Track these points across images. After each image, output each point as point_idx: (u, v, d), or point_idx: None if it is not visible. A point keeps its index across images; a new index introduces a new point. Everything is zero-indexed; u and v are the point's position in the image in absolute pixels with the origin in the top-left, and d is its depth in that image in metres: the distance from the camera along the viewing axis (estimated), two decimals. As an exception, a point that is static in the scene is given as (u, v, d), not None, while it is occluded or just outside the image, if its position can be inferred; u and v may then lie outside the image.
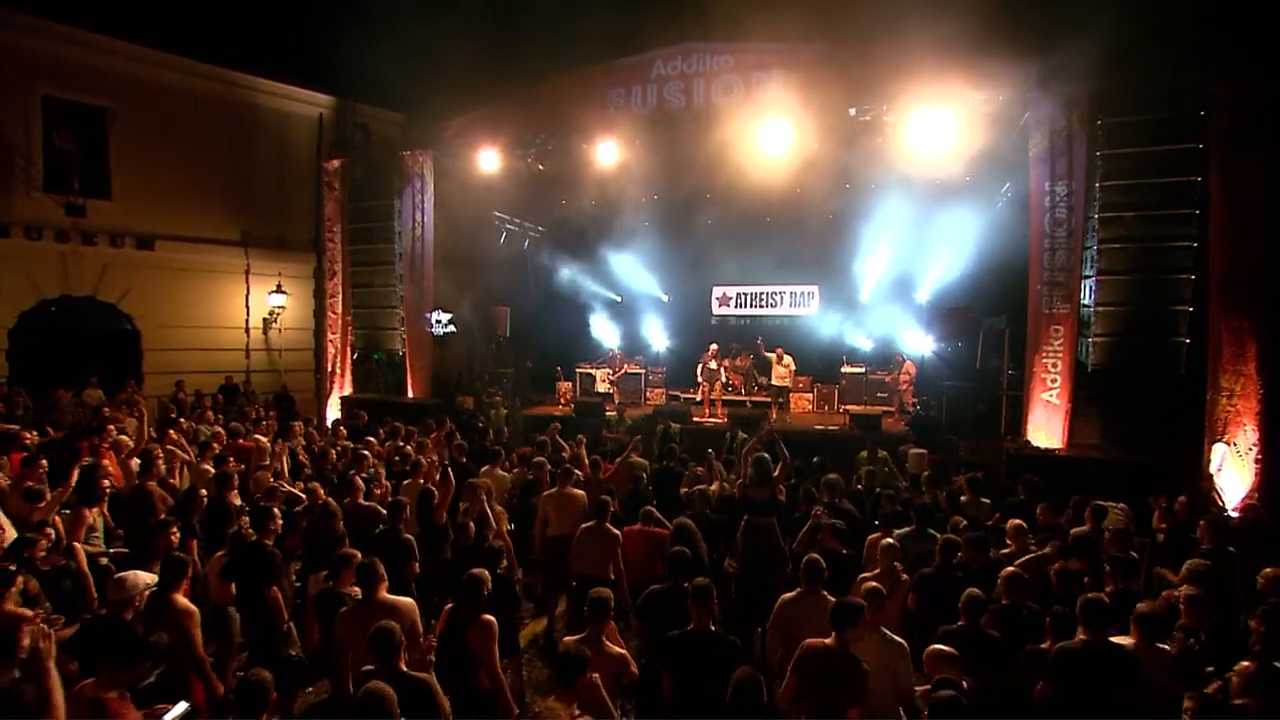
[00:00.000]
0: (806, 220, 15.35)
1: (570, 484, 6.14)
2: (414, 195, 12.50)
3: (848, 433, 10.78)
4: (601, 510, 5.41)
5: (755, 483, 5.23)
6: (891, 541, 4.69)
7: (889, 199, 13.28)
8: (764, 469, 5.26)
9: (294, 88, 14.85)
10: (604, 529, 5.35)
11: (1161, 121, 8.23)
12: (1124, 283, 8.51)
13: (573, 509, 5.96)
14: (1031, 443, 8.79)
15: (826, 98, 9.70)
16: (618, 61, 10.87)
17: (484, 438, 8.47)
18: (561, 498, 6.06)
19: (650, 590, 4.24)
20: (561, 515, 5.94)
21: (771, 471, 5.28)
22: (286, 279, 15.24)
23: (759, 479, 5.22)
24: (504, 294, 15.69)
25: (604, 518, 5.39)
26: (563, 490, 6.09)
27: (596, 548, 5.31)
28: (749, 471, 5.36)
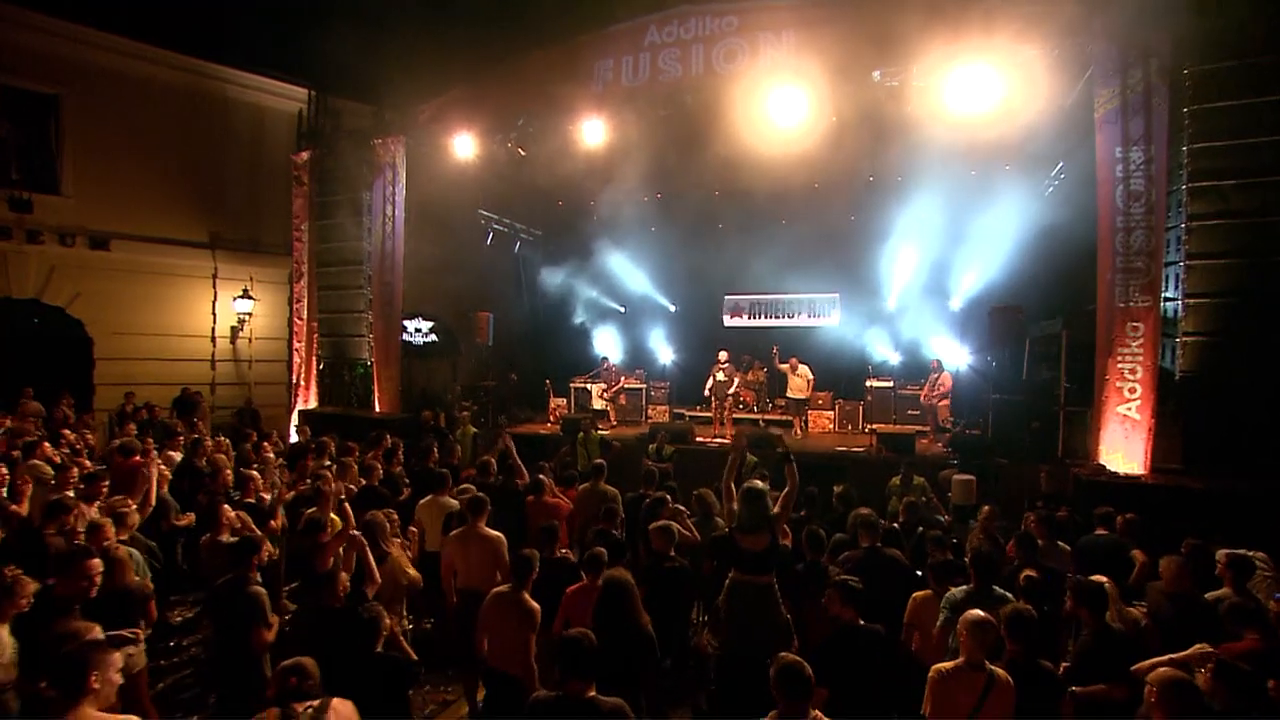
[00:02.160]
0: (826, 221, 13.92)
1: (484, 520, 4.61)
2: (385, 187, 11.27)
3: (875, 455, 9.12)
4: (521, 571, 3.80)
5: (748, 526, 3.68)
6: (981, 618, 3.01)
7: (918, 190, 11.77)
8: (759, 507, 3.70)
9: (270, 80, 13.85)
10: (518, 599, 3.72)
11: (1268, 66, 6.62)
12: (1222, 268, 6.83)
13: (483, 556, 4.44)
14: (1108, 467, 7.06)
15: (845, 60, 8.24)
16: (606, 31, 9.58)
17: (428, 458, 6.99)
18: (470, 539, 4.55)
19: (533, 698, 2.68)
20: (469, 563, 4.42)
21: (769, 510, 3.71)
22: (259, 285, 14.10)
23: (753, 520, 3.67)
24: (492, 300, 14.36)
25: (523, 581, 3.79)
26: (473, 529, 4.57)
27: (506, 628, 3.71)
28: (737, 509, 3.79)
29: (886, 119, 8.88)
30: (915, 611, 3.86)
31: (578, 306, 15.67)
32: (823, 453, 9.44)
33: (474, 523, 4.66)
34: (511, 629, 3.62)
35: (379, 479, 6.34)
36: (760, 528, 3.66)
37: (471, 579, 4.53)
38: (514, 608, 3.66)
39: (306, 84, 12.57)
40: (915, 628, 3.82)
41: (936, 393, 10.48)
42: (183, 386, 12.49)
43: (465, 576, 4.59)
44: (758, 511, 3.69)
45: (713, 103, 8.96)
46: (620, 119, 9.58)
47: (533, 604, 3.70)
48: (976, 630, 2.88)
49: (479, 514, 4.64)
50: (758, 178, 12.47)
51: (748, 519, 3.67)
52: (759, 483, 3.82)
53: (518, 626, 3.61)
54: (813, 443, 10.73)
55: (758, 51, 8.67)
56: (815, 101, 8.53)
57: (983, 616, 2.93)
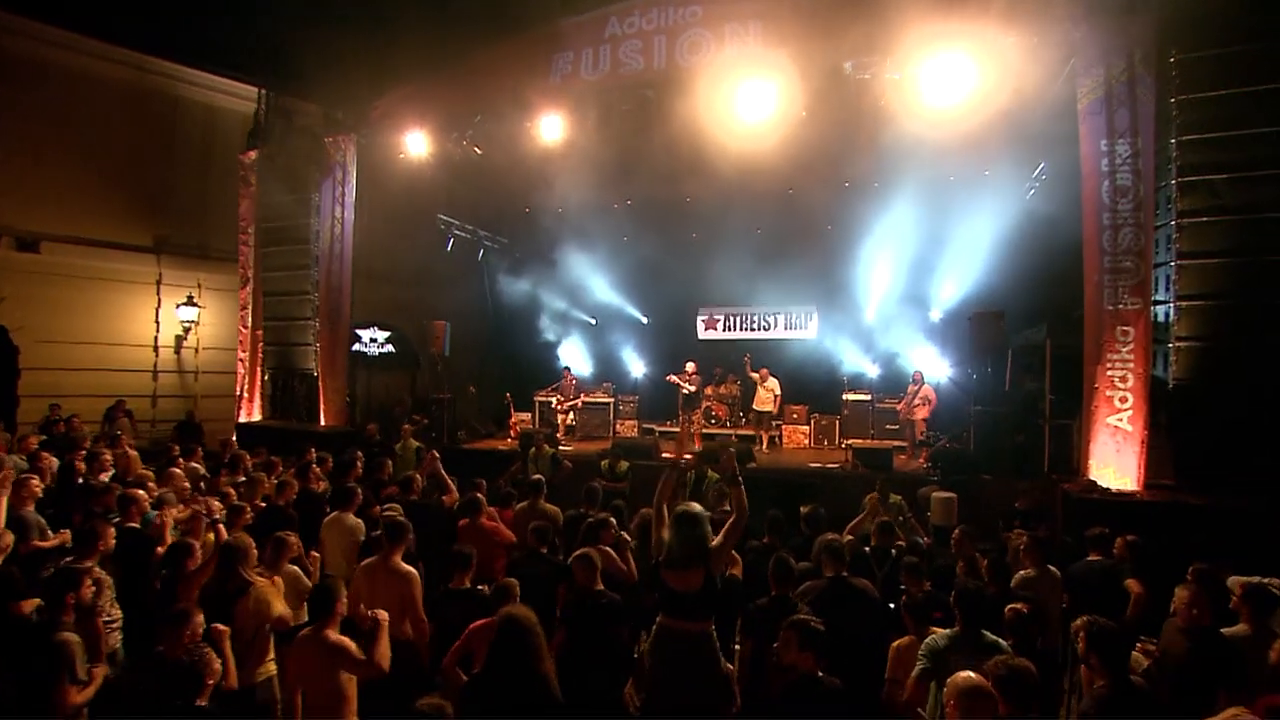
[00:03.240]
0: (803, 230, 13.45)
1: (400, 551, 3.91)
2: (334, 187, 10.63)
3: (850, 471, 8.51)
4: (321, 605, 3.12)
5: (678, 560, 3.00)
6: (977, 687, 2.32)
7: (896, 196, 11.34)
8: (692, 536, 3.03)
9: (223, 79, 13.23)
10: (320, 638, 3.01)
11: (1257, 53, 6.21)
12: (1215, 268, 6.36)
13: (389, 596, 3.74)
14: (1099, 483, 6.50)
15: (815, 51, 7.79)
16: (565, 22, 9.08)
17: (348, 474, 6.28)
18: (377, 573, 3.85)
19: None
20: (374, 603, 3.68)
21: (706, 540, 3.03)
22: (208, 291, 13.36)
23: (684, 554, 2.99)
24: (454, 310, 13.66)
25: (325, 617, 3.10)
26: (384, 562, 3.87)
27: (311, 673, 3.01)
28: (667, 539, 3.10)
29: (860, 115, 8.42)
30: (899, 663, 3.20)
31: (545, 317, 15.03)
32: (794, 469, 8.81)
33: (387, 554, 3.95)
34: (316, 673, 2.93)
35: (292, 496, 5.62)
36: (693, 563, 2.97)
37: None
38: (317, 647, 2.96)
39: (257, 82, 11.93)
40: (900, 683, 3.16)
41: (917, 404, 9.92)
42: (119, 398, 11.67)
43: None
44: (690, 542, 2.98)
45: (677, 97, 8.44)
46: (580, 115, 9.05)
47: (339, 640, 2.99)
48: (971, 702, 2.23)
49: (395, 543, 3.93)
50: (729, 182, 11.97)
51: (678, 551, 2.98)
52: (695, 506, 3.14)
53: (323, 670, 2.91)
54: (786, 458, 10.11)
55: (723, 43, 8.20)
56: (784, 95, 8.05)
57: (979, 685, 2.27)
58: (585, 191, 12.83)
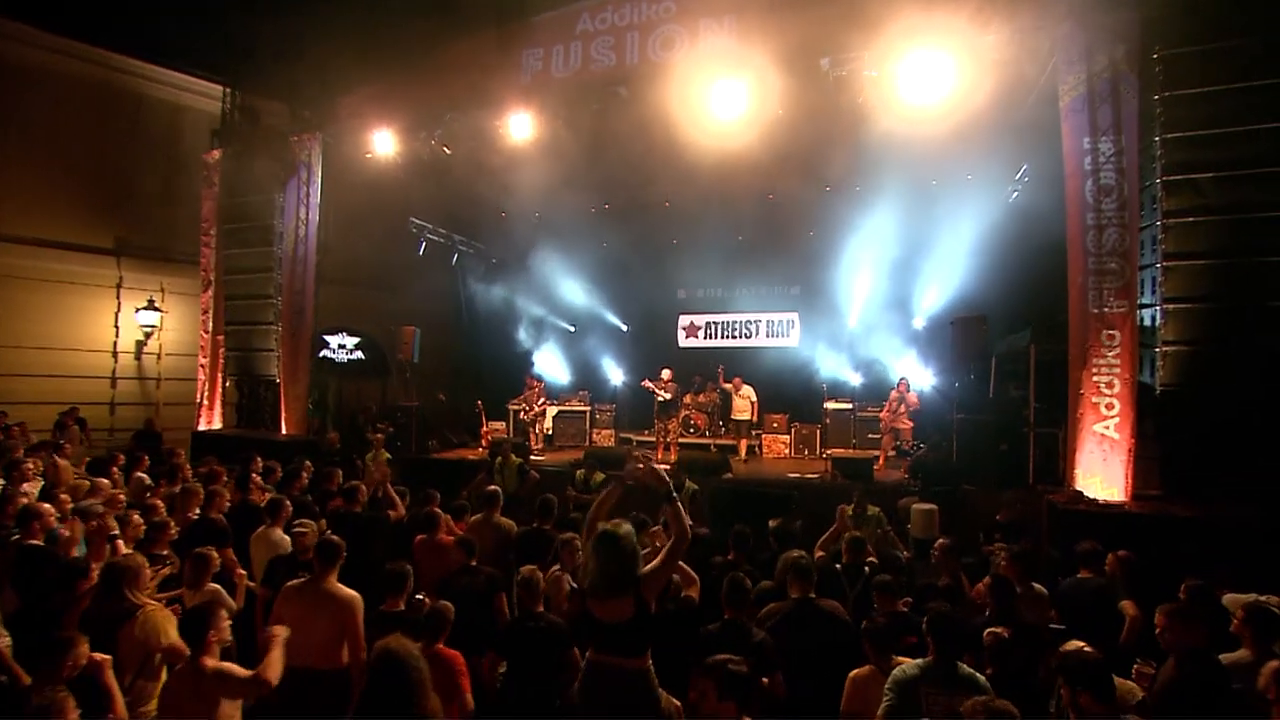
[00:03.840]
0: (784, 237, 13.27)
1: (335, 572, 3.53)
2: (299, 188, 10.26)
3: (829, 482, 8.20)
4: (195, 628, 2.77)
5: (601, 588, 2.64)
6: None
7: (878, 201, 11.14)
8: (618, 560, 2.64)
9: (190, 78, 12.83)
10: (195, 667, 2.67)
11: (1241, 50, 6.02)
12: (1202, 270, 6.13)
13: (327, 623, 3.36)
14: (1085, 494, 6.22)
15: (792, 47, 7.54)
16: (535, 19, 8.81)
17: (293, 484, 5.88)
18: (309, 596, 3.46)
19: None
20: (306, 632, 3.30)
21: (635, 564, 2.67)
22: (172, 296, 12.89)
23: (607, 580, 2.63)
24: (428, 316, 13.31)
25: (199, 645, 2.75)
26: (316, 584, 3.48)
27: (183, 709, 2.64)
28: (589, 565, 2.72)
29: (838, 114, 8.15)
30: (854, 697, 2.84)
31: (522, 324, 14.68)
32: (770, 480, 8.47)
33: (320, 575, 3.56)
34: (193, 708, 2.57)
35: (224, 508, 5.23)
36: (620, 590, 2.59)
37: (309, 654, 3.40)
38: (193, 679, 2.61)
39: (222, 80, 11.56)
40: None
41: (901, 412, 9.63)
42: (71, 406, 11.16)
43: (298, 649, 3.48)
44: (617, 567, 2.59)
45: (650, 95, 8.17)
46: (551, 113, 8.76)
47: (218, 666, 2.62)
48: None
49: (328, 564, 3.54)
50: (709, 186, 11.77)
51: (600, 578, 2.60)
52: (623, 526, 2.76)
53: (200, 702, 2.57)
54: (765, 468, 9.78)
55: (697, 38, 7.95)
56: (760, 92, 7.79)
57: None
58: (562, 195, 12.55)
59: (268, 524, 4.84)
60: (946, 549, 4.15)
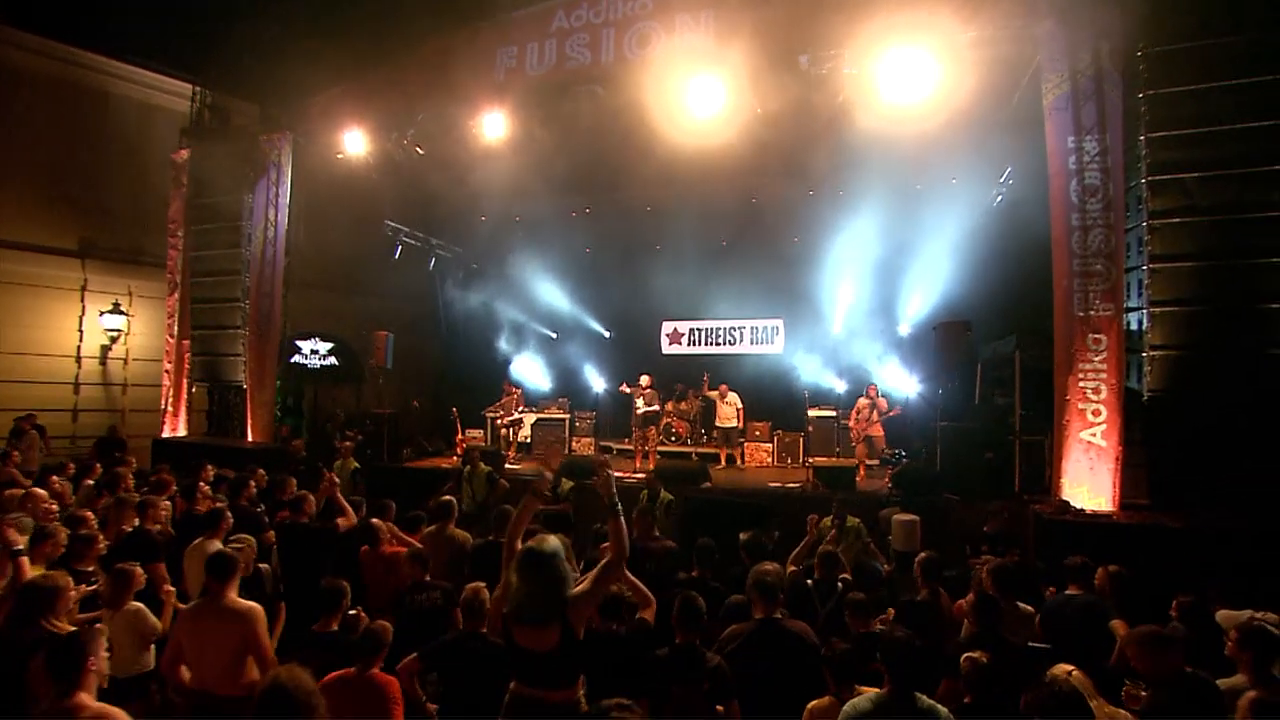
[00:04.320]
0: (768, 242, 13.06)
1: (232, 586, 3.23)
2: (268, 188, 9.97)
3: (811, 492, 7.94)
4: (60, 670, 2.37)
5: (526, 613, 2.34)
6: None
7: (861, 205, 10.96)
8: (544, 580, 2.33)
9: (161, 77, 12.50)
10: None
11: (1226, 47, 5.88)
12: (1190, 272, 5.95)
13: (223, 642, 3.08)
14: (1072, 504, 5.99)
15: (770, 44, 7.36)
16: (511, 15, 8.59)
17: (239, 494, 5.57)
18: (205, 615, 3.17)
19: None
20: (201, 652, 3.04)
21: (563, 585, 2.36)
22: (140, 299, 12.50)
23: (532, 604, 2.32)
24: (405, 322, 13.02)
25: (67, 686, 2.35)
26: (213, 602, 3.19)
27: None
28: (511, 587, 2.39)
29: (819, 114, 7.98)
30: None
31: (502, 330, 14.38)
32: (749, 490, 8.19)
33: (216, 593, 3.26)
34: None
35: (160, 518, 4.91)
36: (546, 614, 2.29)
37: (204, 677, 3.12)
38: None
39: (191, 78, 11.27)
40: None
41: (874, 419, 9.39)
42: (29, 413, 10.76)
43: (196, 671, 3.18)
44: (541, 589, 2.29)
45: (627, 93, 7.97)
46: (525, 113, 8.53)
47: (97, 710, 2.30)
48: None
49: (222, 580, 3.23)
50: (690, 190, 11.60)
51: (524, 601, 2.31)
52: (552, 540, 2.42)
53: None
54: (745, 478, 9.51)
55: (673, 35, 7.76)
56: (739, 91, 7.60)
57: None
58: (541, 198, 12.34)
59: (205, 536, 4.52)
60: (928, 562, 3.89)
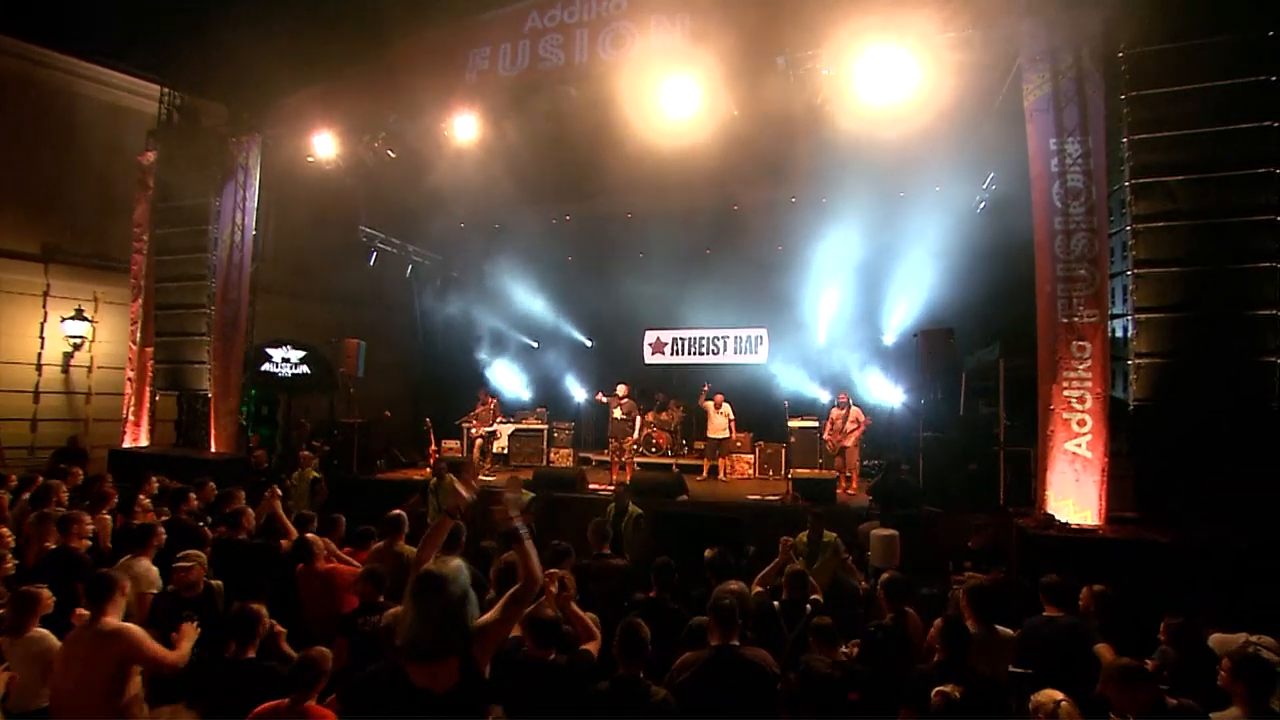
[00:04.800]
0: (752, 251, 12.85)
1: (110, 609, 2.94)
2: (236, 191, 9.69)
3: (790, 505, 7.68)
4: None
5: (421, 647, 2.03)
6: None
7: (845, 213, 10.82)
8: (436, 610, 2.03)
9: (131, 78, 12.23)
10: None
11: (1209, 48, 5.74)
12: (1175, 278, 5.78)
13: (90, 669, 2.81)
14: (1056, 517, 5.76)
15: (747, 44, 7.19)
16: (483, 16, 8.40)
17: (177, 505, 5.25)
18: (79, 642, 2.88)
19: None
20: (66, 679, 2.75)
21: (464, 615, 2.06)
22: (106, 305, 12.13)
23: (426, 636, 2.02)
24: (379, 329, 12.72)
25: None
26: (89, 627, 2.90)
27: None
28: (404, 616, 2.08)
29: (798, 117, 7.79)
30: None
31: (481, 339, 14.10)
32: (725, 503, 7.90)
33: (93, 617, 2.98)
34: None
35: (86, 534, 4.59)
36: (442, 649, 2.01)
37: (88, 710, 2.81)
38: None
39: (159, 79, 11.01)
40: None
41: (851, 431, 9.14)
42: (-14, 423, 10.39)
43: (57, 699, 2.87)
44: (438, 618, 2.02)
45: (601, 95, 7.76)
46: (498, 115, 8.31)
47: None
48: None
49: (99, 601, 2.95)
50: (672, 197, 11.41)
51: (418, 633, 2.01)
52: (451, 564, 2.10)
53: None
54: (724, 490, 9.23)
55: (648, 35, 7.57)
56: (715, 92, 7.42)
57: None
58: (521, 205, 12.15)
59: (132, 554, 4.21)
60: (889, 584, 3.62)
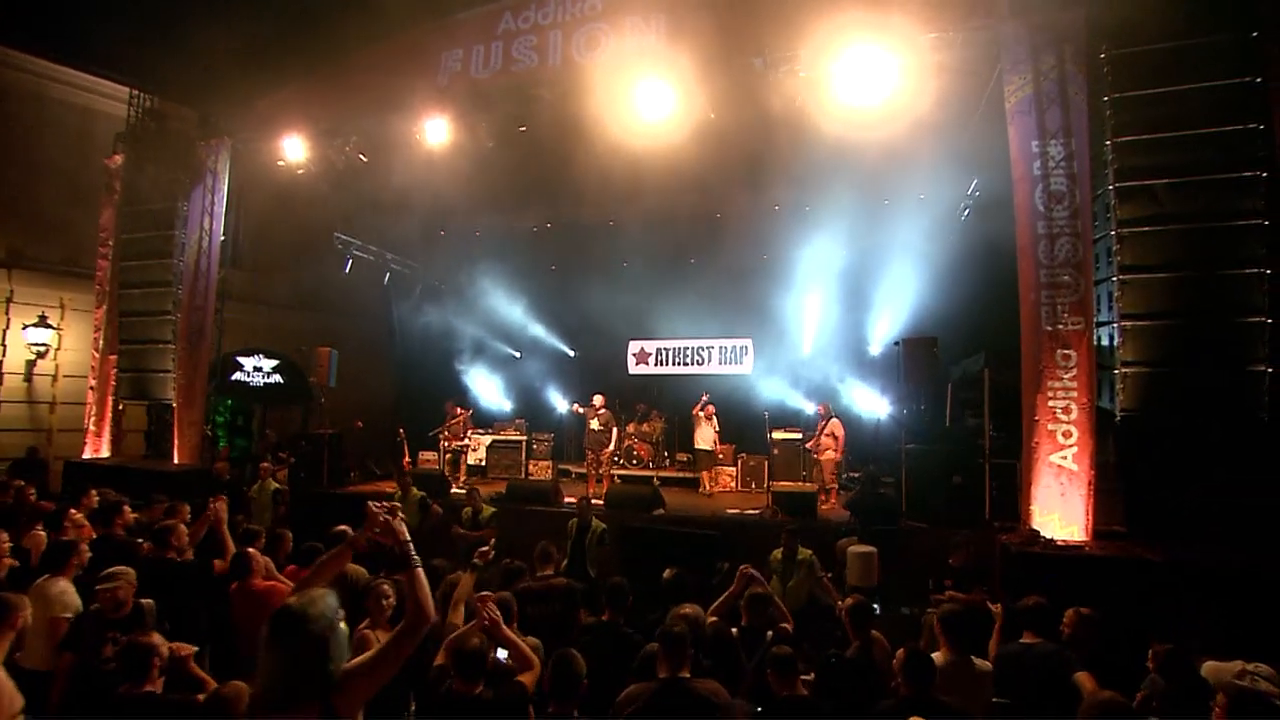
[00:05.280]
0: (736, 260, 12.67)
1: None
2: (204, 196, 9.43)
3: (769, 519, 7.41)
4: None
5: (277, 695, 1.70)
6: None
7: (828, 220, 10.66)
8: (291, 653, 1.72)
9: (102, 81, 11.99)
10: None
11: (1193, 49, 5.58)
12: (1161, 284, 5.58)
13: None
14: (1041, 534, 5.51)
15: (723, 45, 7.02)
16: (457, 17, 8.22)
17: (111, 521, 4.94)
18: None
19: None
20: None
21: (323, 658, 1.74)
22: (74, 313, 11.78)
23: (281, 681, 1.71)
24: (355, 338, 12.43)
25: None
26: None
27: None
28: (260, 661, 1.73)
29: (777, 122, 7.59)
30: None
31: (462, 349, 13.82)
32: (700, 518, 7.58)
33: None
34: None
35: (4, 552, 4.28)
36: (296, 697, 1.70)
37: None
38: None
39: (129, 81, 10.77)
40: None
41: (828, 445, 8.91)
42: (-59, 435, 10.03)
43: None
44: (293, 661, 1.72)
45: (575, 98, 7.56)
46: (471, 118, 8.10)
47: None
48: None
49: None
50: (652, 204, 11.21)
51: (271, 679, 1.72)
52: (323, 598, 1.82)
53: None
54: (702, 504, 8.93)
55: (623, 37, 7.39)
56: (691, 95, 7.23)
57: None
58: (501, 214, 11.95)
59: (49, 574, 3.91)
60: (854, 610, 3.35)
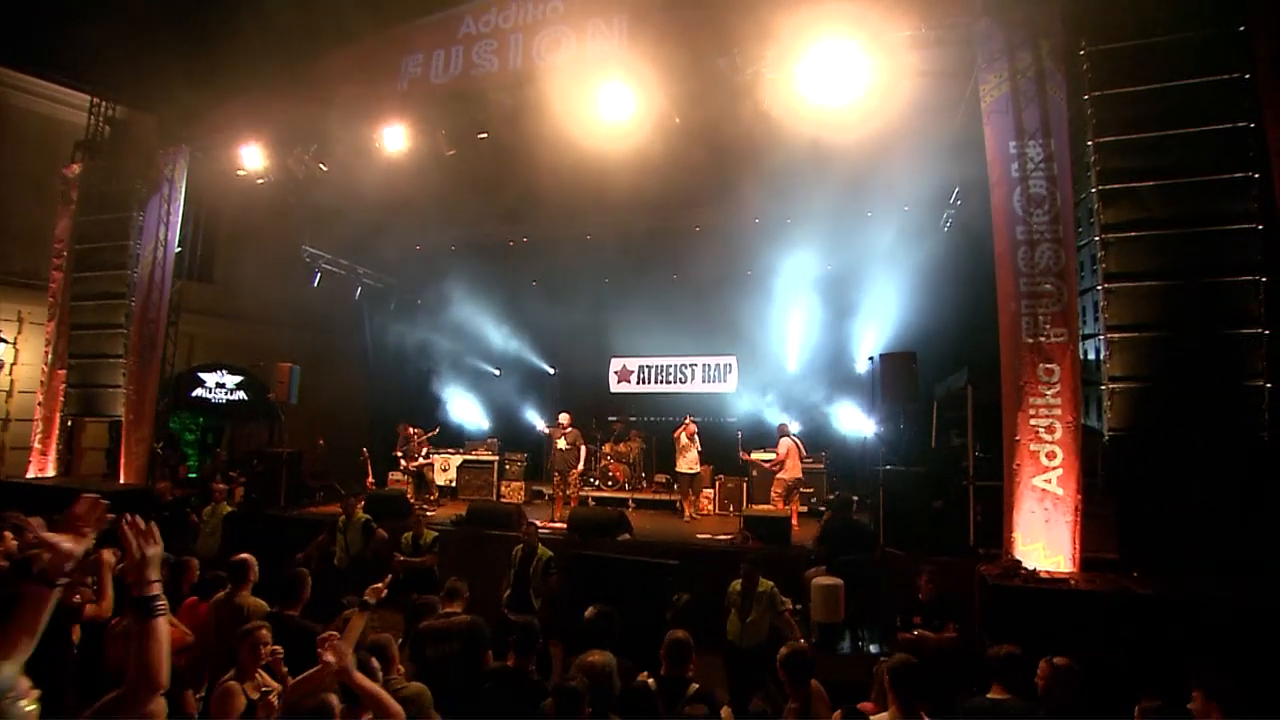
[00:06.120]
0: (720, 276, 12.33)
1: None
2: (160, 205, 9.10)
3: (740, 546, 6.94)
4: None
5: None
6: None
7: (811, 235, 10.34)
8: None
9: (65, 90, 11.75)
10: None
11: (1177, 44, 5.26)
12: (1150, 293, 5.19)
13: None
14: (1023, 564, 5.05)
15: (686, 47, 6.73)
16: (417, 22, 7.95)
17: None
18: None
19: None
20: None
21: None
22: (33, 326, 11.44)
23: None
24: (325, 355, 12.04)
25: None
26: None
27: None
28: None
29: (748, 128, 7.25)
30: None
31: (439, 366, 13.42)
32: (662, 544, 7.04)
33: None
34: None
35: None
36: None
37: None
38: None
39: (88, 89, 10.52)
40: None
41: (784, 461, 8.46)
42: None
43: None
44: None
45: (536, 103, 7.24)
46: (430, 126, 7.77)
47: None
48: None
49: None
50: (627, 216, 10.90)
51: None
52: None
53: None
54: (670, 529, 8.42)
55: (585, 39, 7.10)
56: (656, 99, 6.92)
57: None
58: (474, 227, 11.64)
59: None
60: (788, 660, 2.89)
